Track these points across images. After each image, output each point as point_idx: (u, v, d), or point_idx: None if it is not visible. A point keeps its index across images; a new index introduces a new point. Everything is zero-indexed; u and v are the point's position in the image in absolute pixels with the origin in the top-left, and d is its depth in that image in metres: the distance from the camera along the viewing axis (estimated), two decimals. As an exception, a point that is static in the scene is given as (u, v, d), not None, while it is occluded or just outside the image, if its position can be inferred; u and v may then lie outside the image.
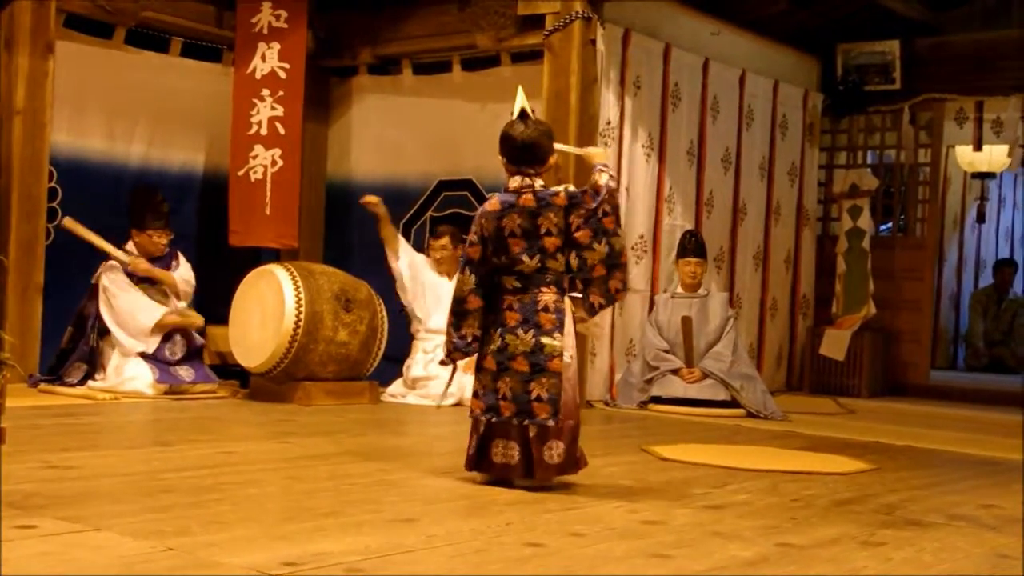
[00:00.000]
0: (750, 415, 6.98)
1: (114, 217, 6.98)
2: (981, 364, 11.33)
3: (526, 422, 3.94)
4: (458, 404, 6.74)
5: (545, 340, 3.96)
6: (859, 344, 8.91)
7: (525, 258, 3.99)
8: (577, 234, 3.97)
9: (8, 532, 2.90)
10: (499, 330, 4.01)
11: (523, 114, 4.11)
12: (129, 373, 6.47)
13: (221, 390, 6.74)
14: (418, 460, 4.73)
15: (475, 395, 4.07)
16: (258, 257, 7.59)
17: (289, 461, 4.49)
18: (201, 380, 6.66)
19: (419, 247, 7.73)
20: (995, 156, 10.27)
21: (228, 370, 7.03)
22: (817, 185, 9.43)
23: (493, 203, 4.06)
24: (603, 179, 4.02)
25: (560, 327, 3.97)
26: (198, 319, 6.82)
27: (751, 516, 3.69)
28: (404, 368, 7.05)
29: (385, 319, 6.91)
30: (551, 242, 3.98)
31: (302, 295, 6.46)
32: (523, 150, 4.06)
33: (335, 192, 8.28)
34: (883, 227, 9.88)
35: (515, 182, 4.06)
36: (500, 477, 4.00)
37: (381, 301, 7.01)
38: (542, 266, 3.99)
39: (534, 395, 3.94)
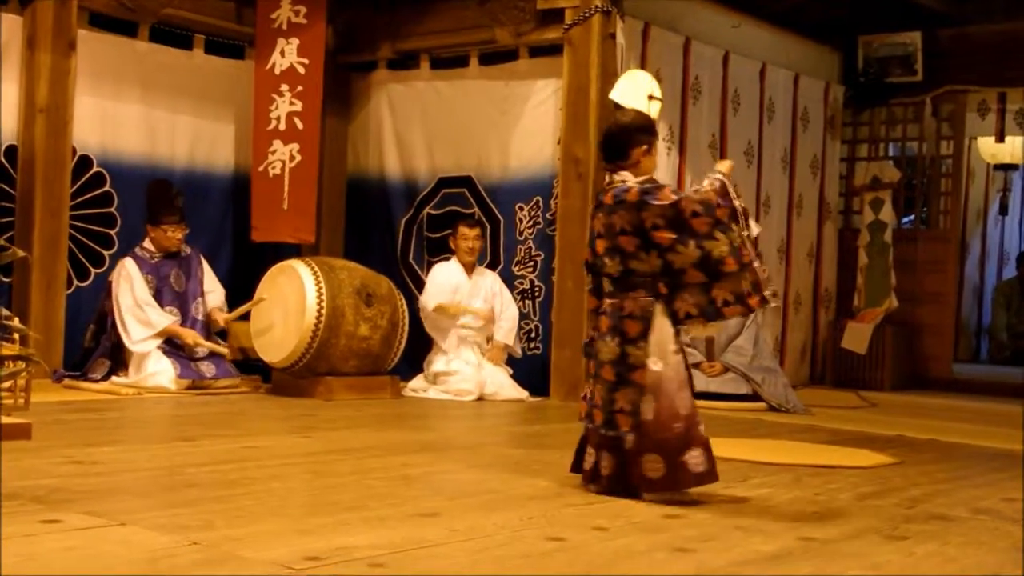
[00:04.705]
0: (771, 409, 6.97)
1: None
2: (1004, 357, 11.26)
3: (610, 433, 3.77)
4: (480, 399, 6.77)
5: (629, 349, 3.74)
6: (881, 337, 8.87)
7: (607, 260, 3.79)
8: (655, 234, 3.68)
9: (33, 527, 2.92)
10: (595, 334, 3.88)
11: (616, 106, 3.97)
12: (152, 368, 6.49)
13: (243, 385, 6.77)
14: (440, 455, 4.74)
15: (583, 397, 3.93)
16: (280, 253, 7.60)
17: (311, 455, 4.50)
18: (223, 375, 6.68)
19: (419, 245, 7.74)
20: (1018, 147, 10.20)
21: (250, 365, 7.05)
22: (839, 178, 9.39)
23: (597, 201, 3.88)
24: (708, 179, 3.77)
25: (645, 335, 3.72)
26: (189, 339, 6.68)
27: (773, 510, 3.68)
28: (425, 363, 7.06)
29: (406, 314, 6.92)
30: (627, 241, 3.73)
31: (323, 290, 6.48)
32: (604, 145, 3.92)
33: (356, 187, 8.28)
34: (905, 220, 9.83)
35: (607, 178, 3.89)
36: (587, 481, 3.86)
37: (402, 296, 7.02)
38: (625, 268, 3.76)
39: (617, 406, 3.75)
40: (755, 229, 3.80)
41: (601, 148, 3.94)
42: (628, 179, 3.82)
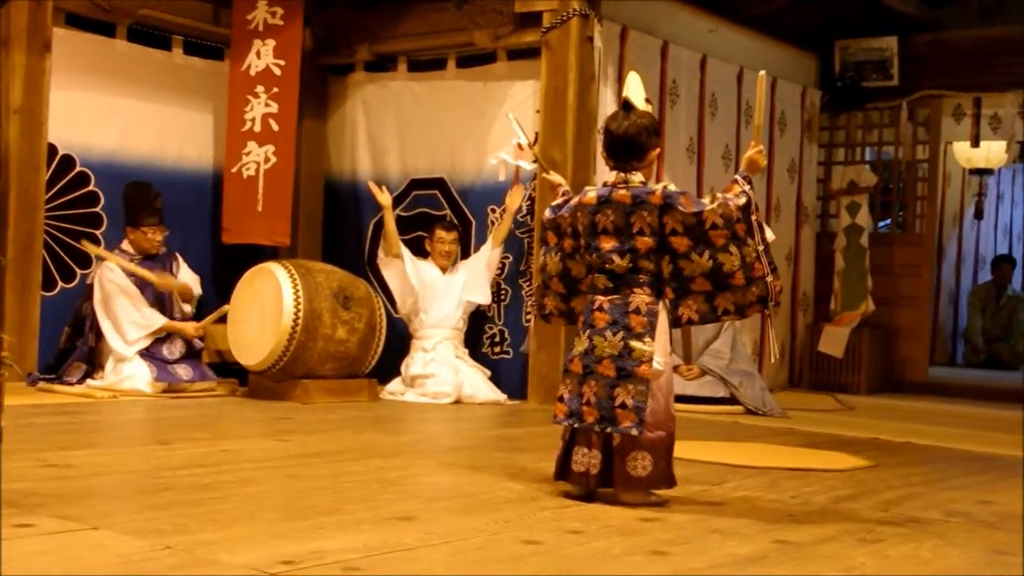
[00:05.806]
0: (749, 412, 6.98)
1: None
2: (980, 360, 11.34)
3: (609, 429, 3.70)
4: (457, 402, 6.76)
5: (634, 344, 3.70)
6: (858, 341, 8.92)
7: (615, 257, 3.75)
8: (673, 239, 3.72)
9: (6, 531, 2.90)
10: (587, 331, 3.79)
11: (626, 105, 3.87)
12: (127, 371, 6.46)
13: (219, 388, 6.74)
14: (416, 458, 4.73)
15: (560, 399, 3.83)
16: (258, 255, 7.57)
17: (287, 459, 4.49)
18: (199, 378, 6.66)
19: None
20: (993, 152, 10.28)
21: (227, 368, 7.02)
22: (816, 182, 9.43)
23: (589, 197, 3.84)
24: (735, 191, 3.75)
25: (651, 331, 3.71)
26: (191, 330, 6.75)
27: (749, 513, 3.69)
28: (403, 366, 7.04)
29: (384, 317, 6.90)
30: (643, 242, 3.73)
31: (300, 293, 6.46)
32: (618, 145, 3.83)
33: (333, 189, 8.26)
34: (882, 224, 9.88)
35: (612, 177, 3.85)
36: (581, 486, 3.77)
37: (380, 299, 7.00)
38: (634, 266, 3.75)
39: (618, 401, 3.67)
40: (770, 235, 3.85)
41: (615, 147, 3.85)
42: (636, 179, 3.82)
